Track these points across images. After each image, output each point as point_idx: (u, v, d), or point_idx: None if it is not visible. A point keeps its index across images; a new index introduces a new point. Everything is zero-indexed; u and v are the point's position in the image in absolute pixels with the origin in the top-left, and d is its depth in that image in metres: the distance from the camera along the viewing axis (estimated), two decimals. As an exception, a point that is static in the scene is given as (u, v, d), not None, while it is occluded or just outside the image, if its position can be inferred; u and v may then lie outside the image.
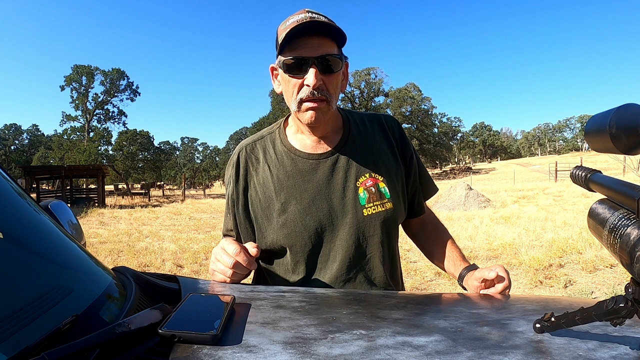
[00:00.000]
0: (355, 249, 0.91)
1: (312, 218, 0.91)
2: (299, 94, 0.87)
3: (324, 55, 0.85)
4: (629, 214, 0.38)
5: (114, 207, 17.99)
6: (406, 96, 49.56)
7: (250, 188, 0.97)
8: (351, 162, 0.95)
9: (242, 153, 1.00)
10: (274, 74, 0.96)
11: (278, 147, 0.99)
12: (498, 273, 0.82)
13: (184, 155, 76.13)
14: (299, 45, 0.85)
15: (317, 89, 0.85)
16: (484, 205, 11.25)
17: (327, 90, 0.87)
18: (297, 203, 0.91)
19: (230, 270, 0.79)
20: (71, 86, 46.29)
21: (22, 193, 0.75)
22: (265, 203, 0.94)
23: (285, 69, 0.87)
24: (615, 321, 0.40)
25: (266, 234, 0.94)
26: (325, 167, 0.94)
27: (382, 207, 0.93)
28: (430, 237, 1.08)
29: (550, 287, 4.04)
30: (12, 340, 0.43)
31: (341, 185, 0.93)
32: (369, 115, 1.07)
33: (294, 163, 0.95)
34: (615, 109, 0.34)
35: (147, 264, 5.80)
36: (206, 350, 0.47)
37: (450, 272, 0.99)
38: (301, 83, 0.86)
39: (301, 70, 0.86)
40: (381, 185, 0.95)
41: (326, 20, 0.84)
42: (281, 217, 0.92)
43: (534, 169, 46.28)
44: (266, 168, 0.97)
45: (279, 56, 0.89)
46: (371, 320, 0.58)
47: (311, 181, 0.93)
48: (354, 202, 0.92)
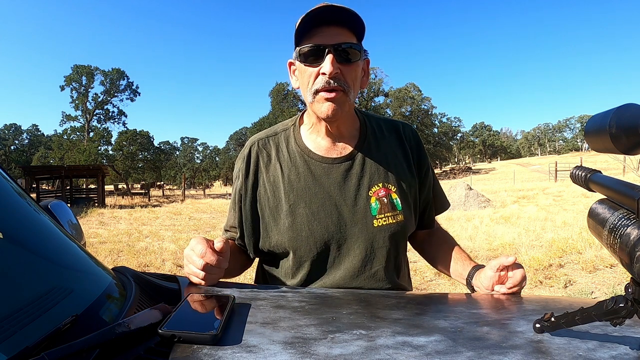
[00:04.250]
0: (362, 260, 0.88)
1: (320, 224, 0.88)
2: (315, 84, 0.84)
3: (341, 44, 0.82)
4: (629, 214, 0.37)
5: (113, 207, 17.98)
6: (406, 96, 49.57)
7: (259, 185, 0.94)
8: (365, 170, 0.92)
9: (254, 147, 0.96)
10: (291, 69, 0.94)
11: (292, 145, 0.95)
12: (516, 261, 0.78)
13: (183, 155, 76.20)
14: (315, 34, 0.82)
15: (333, 78, 0.81)
16: (484, 205, 11.25)
17: (345, 81, 0.83)
18: (305, 206, 0.88)
19: (201, 272, 0.75)
20: (71, 86, 46.32)
21: (22, 193, 0.75)
22: (273, 202, 0.91)
23: (301, 59, 0.84)
24: (615, 321, 0.40)
25: (271, 234, 0.91)
26: (338, 172, 0.91)
27: (394, 219, 0.90)
28: (437, 243, 1.05)
29: (550, 287, 4.04)
30: (12, 340, 0.43)
31: (353, 193, 0.90)
32: (387, 121, 1.03)
33: (307, 165, 0.92)
34: (615, 109, 0.34)
35: (147, 264, 5.80)
36: (206, 350, 0.47)
37: (458, 273, 0.95)
38: (317, 72, 0.83)
39: (317, 59, 0.82)
40: (393, 197, 0.92)
41: (344, 6, 0.81)
42: (288, 219, 0.89)
43: (534, 169, 46.28)
44: (277, 166, 0.93)
45: (296, 48, 0.86)
46: (371, 320, 0.58)
47: (323, 185, 0.90)
48: (365, 211, 0.89)
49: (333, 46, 0.82)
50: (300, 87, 0.90)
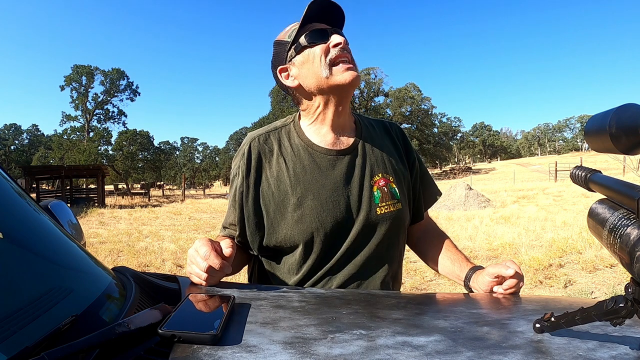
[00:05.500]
0: (366, 247, 0.91)
1: (329, 214, 0.89)
2: (328, 56, 0.88)
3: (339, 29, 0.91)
4: (629, 214, 0.37)
5: (113, 207, 17.97)
6: (406, 96, 49.55)
7: (262, 181, 0.93)
8: (366, 161, 0.95)
9: (254, 144, 0.96)
10: (283, 76, 0.96)
11: (294, 140, 0.97)
12: (516, 271, 0.78)
13: (183, 155, 76.19)
14: (312, 27, 0.90)
15: (345, 49, 0.88)
16: (483, 205, 11.25)
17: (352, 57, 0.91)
18: (314, 198, 0.89)
19: (204, 274, 0.74)
20: (71, 86, 46.22)
21: (22, 193, 0.75)
22: (279, 197, 0.91)
23: (308, 40, 0.89)
24: (615, 321, 0.40)
25: (279, 229, 0.90)
26: (343, 163, 0.93)
27: (394, 207, 0.94)
28: (433, 242, 1.05)
29: (550, 287, 4.04)
30: (12, 340, 0.43)
31: (358, 183, 0.93)
32: (375, 119, 1.09)
33: (312, 157, 0.93)
34: (615, 109, 0.34)
35: (147, 264, 5.80)
36: (206, 350, 0.47)
37: (455, 274, 0.95)
38: (327, 47, 0.88)
39: (323, 38, 0.89)
40: (392, 186, 0.95)
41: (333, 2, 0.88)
42: (297, 212, 0.89)
43: (534, 169, 46.29)
44: (281, 161, 0.94)
45: (291, 47, 0.91)
46: (371, 320, 0.58)
47: (330, 177, 0.92)
48: (369, 200, 0.92)
49: (333, 29, 0.91)
50: (307, 75, 0.91)
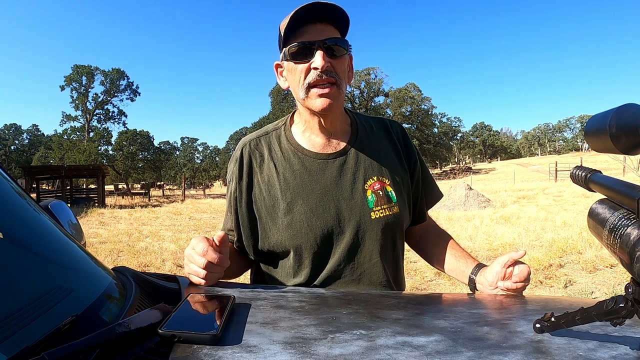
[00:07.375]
0: (361, 252, 0.90)
1: (319, 219, 0.88)
2: (307, 79, 0.85)
3: (328, 39, 0.84)
4: (629, 214, 0.37)
5: (114, 207, 17.97)
6: (406, 96, 49.57)
7: (254, 186, 0.94)
8: (359, 164, 0.93)
9: (245, 149, 0.96)
10: (278, 72, 0.95)
11: (284, 144, 0.96)
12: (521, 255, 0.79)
13: (184, 155, 76.18)
14: (302, 32, 0.84)
15: (325, 72, 0.83)
16: (484, 205, 11.25)
17: (336, 73, 0.85)
18: (303, 203, 0.89)
19: (203, 271, 0.74)
20: (71, 86, 46.26)
21: (22, 193, 0.75)
22: (270, 202, 0.91)
23: (291, 57, 0.86)
24: (615, 321, 0.40)
25: (270, 234, 0.91)
26: (333, 167, 0.92)
27: (390, 210, 0.92)
28: (435, 241, 1.05)
29: (550, 287, 4.04)
30: (12, 340, 0.43)
31: (349, 187, 0.91)
32: (374, 118, 1.06)
33: (302, 162, 0.92)
34: (615, 109, 0.34)
35: (147, 264, 5.80)
36: (206, 350, 0.47)
37: (460, 270, 0.94)
38: (308, 67, 0.85)
39: (307, 56, 0.84)
40: (388, 189, 0.93)
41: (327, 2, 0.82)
42: (287, 218, 0.89)
43: (534, 169, 46.28)
44: (271, 166, 0.93)
45: (283, 49, 0.88)
46: (371, 320, 0.58)
47: (319, 181, 0.91)
48: (362, 204, 0.90)
49: (322, 42, 0.84)
50: (291, 86, 0.91)
